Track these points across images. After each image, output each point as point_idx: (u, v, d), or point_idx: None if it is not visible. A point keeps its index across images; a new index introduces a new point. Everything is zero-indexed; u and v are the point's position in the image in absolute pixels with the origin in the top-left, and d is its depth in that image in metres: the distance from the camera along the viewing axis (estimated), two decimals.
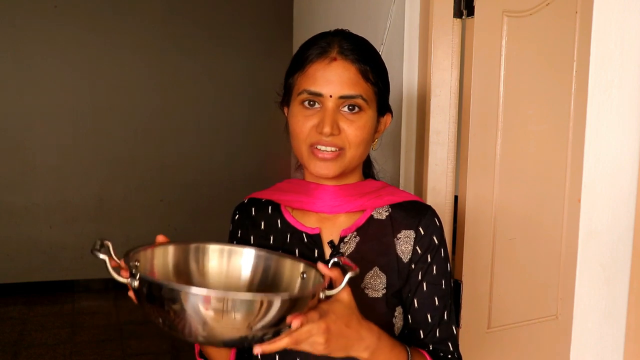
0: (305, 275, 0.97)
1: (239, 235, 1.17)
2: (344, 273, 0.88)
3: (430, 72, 1.51)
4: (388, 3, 1.69)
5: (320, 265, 0.90)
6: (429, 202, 1.52)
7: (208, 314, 0.77)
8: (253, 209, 1.17)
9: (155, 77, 4.59)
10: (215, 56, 4.69)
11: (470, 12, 1.48)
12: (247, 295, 0.79)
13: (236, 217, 1.19)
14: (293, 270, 0.99)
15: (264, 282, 1.01)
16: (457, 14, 1.50)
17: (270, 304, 0.77)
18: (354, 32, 1.10)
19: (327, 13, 2.19)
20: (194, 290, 0.76)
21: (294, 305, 0.80)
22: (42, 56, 4.32)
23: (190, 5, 4.60)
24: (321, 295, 0.85)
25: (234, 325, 0.78)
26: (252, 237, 1.15)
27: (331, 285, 0.89)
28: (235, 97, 4.76)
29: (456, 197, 1.57)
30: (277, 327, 0.80)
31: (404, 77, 1.63)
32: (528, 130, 1.61)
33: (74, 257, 4.55)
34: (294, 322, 0.79)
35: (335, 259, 0.93)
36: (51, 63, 4.34)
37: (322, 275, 0.91)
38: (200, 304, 0.77)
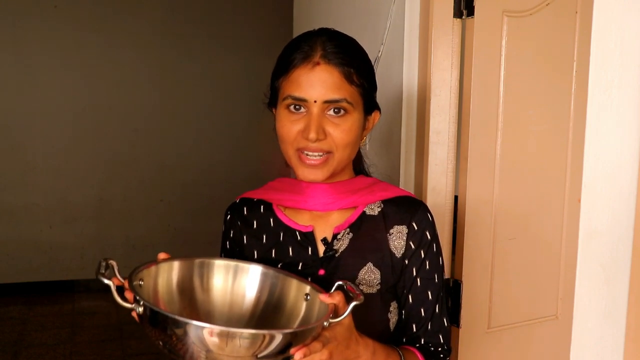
0: (309, 297, 0.97)
1: (231, 235, 1.18)
2: (348, 299, 0.89)
3: (430, 72, 1.51)
4: (388, 3, 1.69)
5: (323, 297, 0.91)
6: (428, 202, 1.52)
7: (211, 342, 0.77)
8: (245, 208, 1.18)
9: (155, 77, 4.59)
10: (215, 56, 4.69)
11: (470, 12, 1.48)
12: (251, 331, 0.80)
13: (228, 218, 1.19)
14: (299, 291, 0.99)
15: (269, 302, 1.01)
16: (457, 14, 1.50)
17: (273, 338, 0.79)
18: (354, 33, 1.10)
19: (327, 13, 2.19)
20: (197, 323, 0.77)
21: (298, 337, 0.81)
22: (42, 56, 4.31)
23: (190, 6, 4.60)
24: (325, 323, 0.86)
25: (237, 354, 0.78)
26: (244, 237, 1.16)
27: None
28: (235, 97, 4.76)
29: (456, 197, 1.57)
30: (282, 354, 0.81)
31: (404, 77, 1.63)
32: (528, 130, 1.61)
33: (74, 257, 4.55)
34: (297, 354, 0.81)
35: (341, 282, 0.93)
36: (51, 63, 4.34)
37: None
38: (203, 335, 0.77)
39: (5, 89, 4.29)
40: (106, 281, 0.83)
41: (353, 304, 0.87)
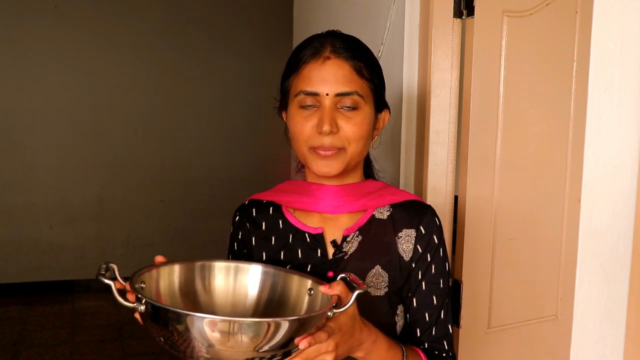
0: (312, 292, 0.97)
1: (239, 236, 1.18)
2: (351, 289, 0.89)
3: (430, 72, 1.51)
4: (388, 3, 1.69)
5: (323, 288, 0.91)
6: (429, 202, 1.52)
7: (214, 337, 0.77)
8: (254, 210, 1.18)
9: (155, 77, 4.59)
10: (215, 56, 4.69)
11: (470, 12, 1.48)
12: (254, 320, 0.79)
13: (237, 219, 1.19)
14: (300, 287, 0.99)
15: (271, 300, 1.01)
16: (457, 14, 1.50)
17: (277, 327, 0.77)
18: (354, 33, 1.11)
19: (327, 13, 2.19)
20: (200, 315, 0.77)
21: (301, 327, 0.80)
22: (42, 56, 4.32)
23: (190, 6, 4.60)
24: (329, 313, 0.85)
25: (240, 348, 0.78)
26: (253, 238, 1.16)
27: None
28: (235, 97, 4.76)
29: (456, 197, 1.57)
30: (285, 348, 0.80)
31: (404, 77, 1.63)
32: (528, 130, 1.61)
33: (74, 257, 4.55)
34: (302, 343, 0.80)
35: (344, 275, 0.93)
36: (51, 63, 4.34)
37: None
38: (205, 328, 0.77)
39: (5, 89, 4.29)
40: (107, 281, 0.83)
41: (357, 292, 0.87)
